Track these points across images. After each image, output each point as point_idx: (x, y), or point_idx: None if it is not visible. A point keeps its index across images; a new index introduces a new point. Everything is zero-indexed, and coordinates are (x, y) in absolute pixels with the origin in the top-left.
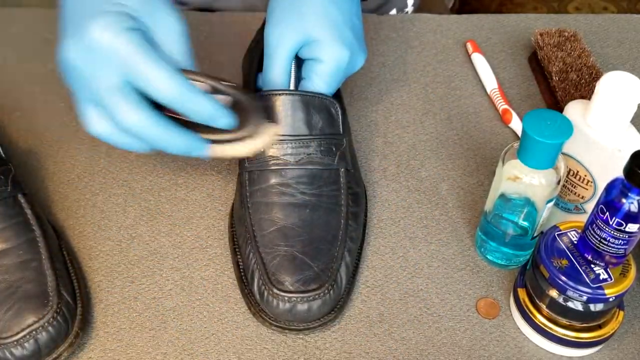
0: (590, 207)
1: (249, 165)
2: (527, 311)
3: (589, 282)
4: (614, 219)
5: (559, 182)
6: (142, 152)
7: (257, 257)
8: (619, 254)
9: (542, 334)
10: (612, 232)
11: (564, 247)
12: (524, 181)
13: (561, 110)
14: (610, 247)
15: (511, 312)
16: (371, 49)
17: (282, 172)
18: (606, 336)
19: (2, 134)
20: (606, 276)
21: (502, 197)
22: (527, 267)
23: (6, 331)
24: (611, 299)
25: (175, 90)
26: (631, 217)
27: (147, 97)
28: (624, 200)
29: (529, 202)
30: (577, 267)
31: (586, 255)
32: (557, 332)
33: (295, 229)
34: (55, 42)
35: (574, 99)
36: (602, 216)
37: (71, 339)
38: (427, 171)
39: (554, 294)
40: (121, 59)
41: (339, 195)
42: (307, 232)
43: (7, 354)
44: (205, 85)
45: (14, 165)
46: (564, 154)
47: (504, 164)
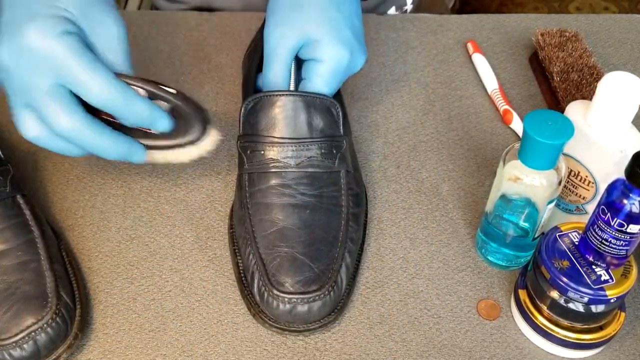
0: (591, 208)
1: (249, 167)
2: (528, 312)
3: (590, 283)
4: (616, 219)
5: (560, 183)
6: (78, 156)
7: (257, 258)
8: (620, 255)
9: (543, 335)
10: (614, 233)
11: (565, 248)
12: (524, 182)
13: (562, 110)
14: (611, 248)
15: (512, 313)
16: (371, 49)
17: (282, 174)
18: (607, 338)
19: (1, 135)
20: (607, 277)
21: (503, 198)
22: (528, 268)
23: (5, 332)
24: (612, 300)
25: (108, 93)
26: (633, 218)
27: (83, 102)
28: (626, 201)
29: (529, 203)
30: (578, 268)
31: (587, 256)
32: (558, 333)
33: (295, 230)
34: None
35: (575, 99)
36: (604, 217)
37: (70, 340)
38: (427, 172)
39: (555, 295)
40: (55, 63)
41: (339, 196)
42: (307, 233)
43: (6, 356)
44: (142, 90)
45: (13, 166)
46: (565, 155)
47: (504, 164)
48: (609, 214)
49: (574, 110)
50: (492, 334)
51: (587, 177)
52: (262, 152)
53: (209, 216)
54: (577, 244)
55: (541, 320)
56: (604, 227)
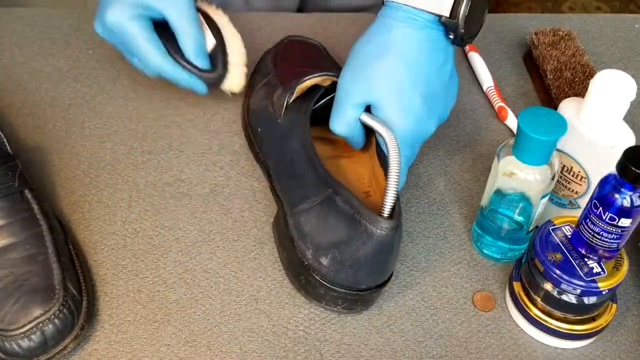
0: (584, 202)
1: None
2: (523, 304)
3: (582, 275)
4: (607, 213)
5: (553, 178)
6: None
7: None
8: (612, 248)
9: (537, 327)
10: (605, 226)
11: (559, 241)
12: (519, 177)
13: (555, 107)
14: (603, 241)
15: (507, 305)
16: None
17: None
18: (599, 328)
19: (10, 131)
20: (599, 270)
21: (498, 192)
22: (523, 261)
23: (13, 323)
24: (604, 292)
25: (160, 68)
26: (624, 212)
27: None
28: (617, 195)
29: (524, 197)
30: (571, 261)
31: (580, 249)
32: (551, 324)
33: None
34: (60, 42)
35: (568, 96)
36: (596, 211)
37: (77, 331)
38: (424, 167)
39: (548, 287)
40: (126, 39)
41: None
42: None
43: (15, 346)
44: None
45: (21, 161)
46: (559, 151)
47: (499, 160)
48: (600, 208)
49: (567, 107)
50: (487, 325)
51: (579, 172)
52: None
53: (212, 210)
54: (570, 237)
55: (535, 311)
56: (596, 221)
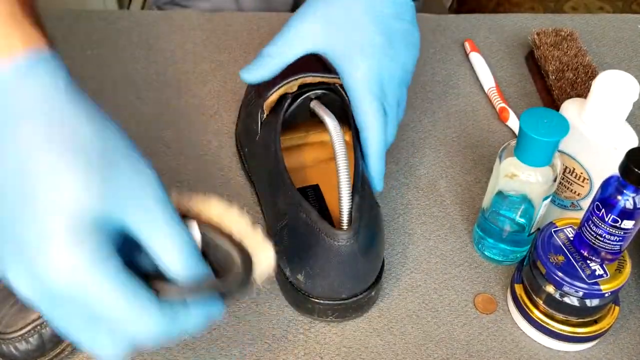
0: (586, 204)
1: None
2: (524, 306)
3: (585, 277)
4: (610, 215)
5: (555, 180)
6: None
7: None
8: (614, 250)
9: (538, 329)
10: (608, 228)
11: (561, 243)
12: (521, 178)
13: (557, 108)
14: (605, 243)
15: (508, 307)
16: None
17: None
18: (602, 331)
19: None
20: (602, 272)
21: (500, 194)
22: (524, 263)
23: (11, 326)
24: (607, 295)
25: (154, 328)
26: (626, 214)
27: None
28: (620, 197)
29: (525, 199)
30: (573, 263)
31: (582, 251)
32: (553, 327)
33: None
34: (58, 43)
35: (570, 97)
36: (598, 213)
37: None
38: (425, 168)
39: (550, 289)
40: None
41: None
42: None
43: (12, 349)
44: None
45: None
46: (561, 152)
47: (501, 161)
48: (603, 210)
49: (569, 108)
50: (488, 328)
51: (582, 173)
52: None
53: None
54: (572, 239)
55: (537, 314)
56: (598, 222)
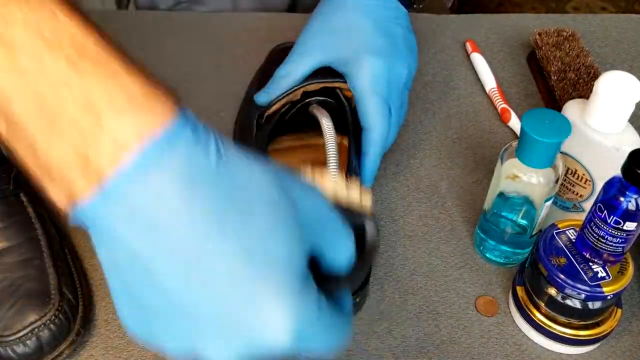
0: (588, 205)
1: None
2: (526, 309)
3: (587, 280)
4: (612, 217)
5: (557, 181)
6: None
7: None
8: (617, 252)
9: (540, 332)
10: (610, 230)
11: (563, 245)
12: (522, 180)
13: (559, 109)
14: (608, 245)
15: (510, 310)
16: None
17: None
18: (604, 334)
19: None
20: (604, 274)
21: (501, 195)
22: (526, 265)
23: (8, 329)
24: (609, 297)
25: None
26: (629, 216)
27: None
28: (622, 198)
29: (527, 200)
30: (575, 265)
31: (584, 253)
32: (555, 329)
33: None
34: None
35: (572, 98)
36: (600, 214)
37: (73, 337)
38: (426, 170)
39: (552, 292)
40: None
41: None
42: None
43: (10, 352)
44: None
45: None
46: (563, 153)
47: (502, 162)
48: (605, 212)
49: (571, 109)
50: (490, 330)
51: (584, 175)
52: None
53: None
54: (574, 241)
55: (539, 316)
56: (600, 224)
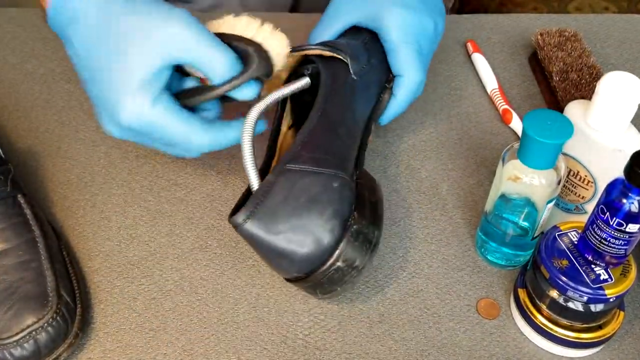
0: (590, 207)
1: None
2: (528, 312)
3: (589, 282)
4: (615, 219)
5: (559, 183)
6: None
7: None
8: (619, 254)
9: (542, 335)
10: (613, 232)
11: (565, 247)
12: (524, 181)
13: (561, 110)
14: (610, 247)
15: (511, 312)
16: None
17: None
18: (606, 337)
19: (2, 134)
20: (607, 276)
21: (503, 197)
22: (528, 268)
23: (6, 331)
24: (612, 300)
25: (209, 144)
26: (631, 218)
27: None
28: (625, 200)
29: (529, 202)
30: (577, 267)
31: (586, 255)
32: (557, 332)
33: None
34: (54, 43)
35: (574, 99)
36: (603, 216)
37: (71, 340)
38: (427, 171)
39: (554, 294)
40: (158, 134)
41: None
42: None
43: (7, 355)
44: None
45: (13, 165)
46: (565, 154)
47: (504, 164)
48: (608, 214)
49: (574, 109)
50: (491, 333)
51: (586, 176)
52: None
53: (209, 215)
54: (576, 243)
55: (540, 319)
56: (603, 226)
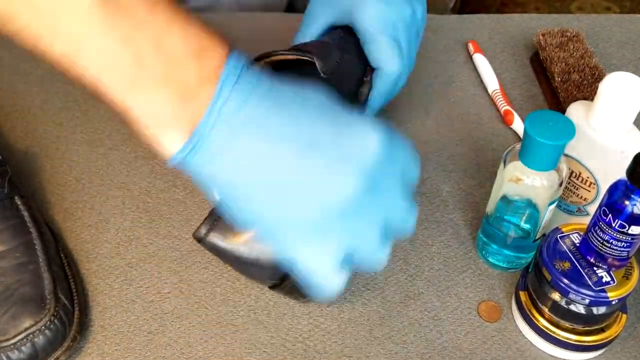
0: (592, 209)
1: None
2: (529, 314)
3: (591, 284)
4: (617, 221)
5: (561, 184)
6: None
7: None
8: (621, 256)
9: (544, 338)
10: (615, 234)
11: (567, 249)
12: (525, 183)
13: (563, 111)
14: (613, 249)
15: (513, 315)
16: None
17: None
18: (609, 339)
19: None
20: (609, 279)
21: (504, 199)
22: (529, 270)
23: (3, 334)
24: (614, 302)
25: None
26: (634, 219)
27: None
28: (627, 202)
29: (530, 204)
30: (579, 269)
31: (589, 257)
32: (559, 335)
33: None
34: None
35: (576, 100)
36: (605, 218)
37: (68, 343)
38: (428, 173)
39: (556, 297)
40: None
41: None
42: None
43: (4, 358)
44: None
45: (10, 166)
46: (566, 156)
47: (505, 165)
48: (610, 215)
49: (575, 110)
50: (493, 336)
51: (588, 178)
52: None
53: None
54: (578, 245)
55: (542, 322)
56: (605, 228)
